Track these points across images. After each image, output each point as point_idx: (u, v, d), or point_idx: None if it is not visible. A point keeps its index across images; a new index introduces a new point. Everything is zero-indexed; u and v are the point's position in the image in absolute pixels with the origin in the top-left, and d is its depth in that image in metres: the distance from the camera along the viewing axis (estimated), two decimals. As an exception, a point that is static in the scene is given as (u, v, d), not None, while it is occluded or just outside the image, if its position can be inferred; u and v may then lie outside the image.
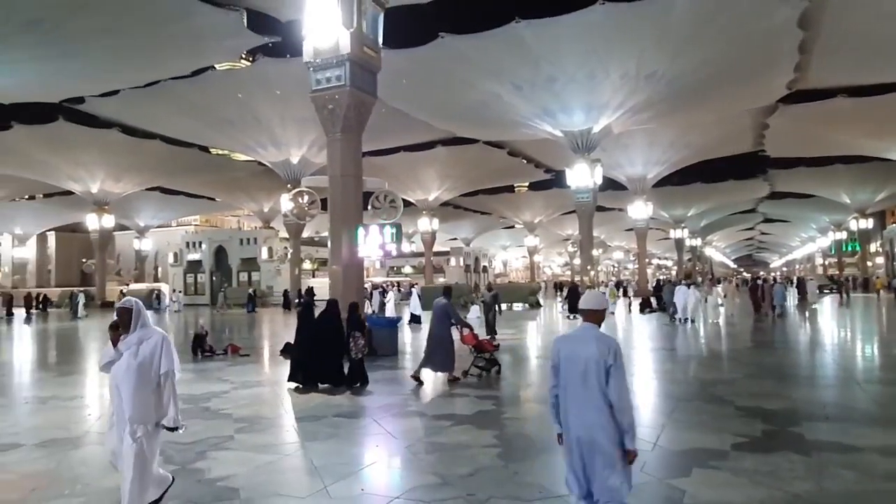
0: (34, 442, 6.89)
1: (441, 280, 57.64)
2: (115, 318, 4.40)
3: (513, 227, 75.03)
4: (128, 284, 53.51)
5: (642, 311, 27.55)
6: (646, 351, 15.16)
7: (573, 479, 3.66)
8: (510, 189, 62.47)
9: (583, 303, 3.83)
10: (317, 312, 11.17)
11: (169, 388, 4.37)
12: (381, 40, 14.70)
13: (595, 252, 42.41)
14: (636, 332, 20.47)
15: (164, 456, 6.11)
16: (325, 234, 58.10)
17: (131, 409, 4.20)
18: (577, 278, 43.72)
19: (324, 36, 13.76)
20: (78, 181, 42.86)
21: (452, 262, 65.25)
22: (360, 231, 13.50)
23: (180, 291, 44.29)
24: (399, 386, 10.72)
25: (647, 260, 58.78)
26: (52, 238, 66.34)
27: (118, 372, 4.29)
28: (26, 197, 55.83)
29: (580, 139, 31.23)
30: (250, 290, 38.21)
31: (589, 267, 35.23)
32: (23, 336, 23.69)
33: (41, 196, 56.06)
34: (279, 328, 23.41)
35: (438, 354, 10.58)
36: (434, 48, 25.20)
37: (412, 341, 16.45)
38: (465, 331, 10.99)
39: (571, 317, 24.31)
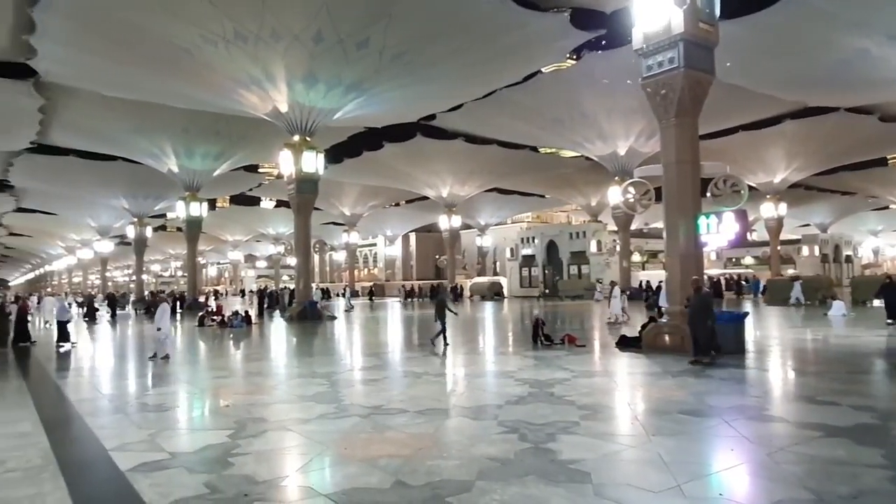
0: (415, 410, 8.13)
1: (790, 272, 50.88)
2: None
3: (886, 207, 62.15)
4: (471, 277, 59.82)
5: None
6: None
7: None
8: (882, 162, 51.63)
9: None
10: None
11: None
12: (717, 12, 13.59)
13: None
14: None
15: (518, 434, 6.66)
16: (655, 225, 56.20)
17: None
18: None
19: (654, 19, 13.30)
20: (432, 187, 49.56)
21: (804, 251, 57.05)
22: (701, 220, 12.70)
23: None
24: (749, 386, 9.80)
25: None
26: (412, 238, 77.86)
27: None
28: (393, 204, 66.62)
29: None
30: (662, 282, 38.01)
31: None
32: (392, 319, 28.29)
33: (404, 202, 66.32)
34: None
35: None
36: (780, 9, 22.22)
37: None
38: None
39: None
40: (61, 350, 16.78)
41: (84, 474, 5.91)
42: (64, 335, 17.47)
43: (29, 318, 19.81)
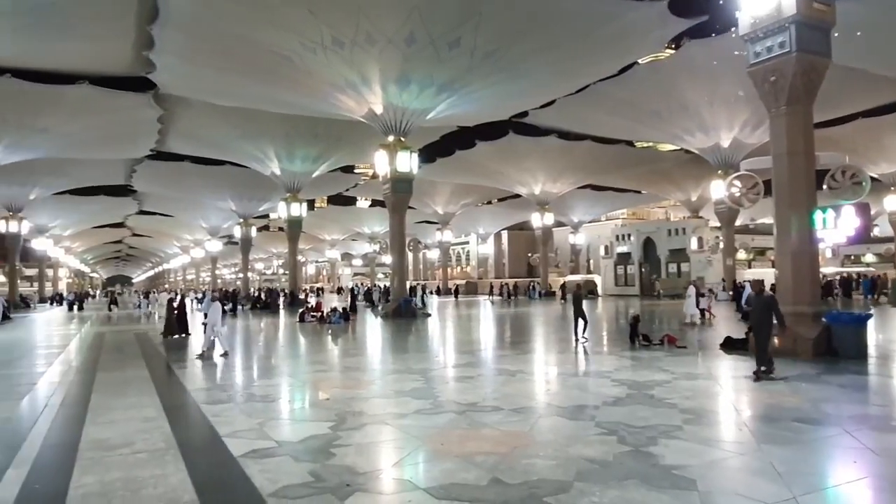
0: (510, 408, 8.10)
1: (919, 270, 46.43)
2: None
3: None
4: (564, 275, 58.88)
5: None
6: None
7: None
8: None
9: None
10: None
11: None
12: (834, -10, 12.64)
13: None
14: None
15: (617, 436, 6.49)
16: (763, 220, 52.99)
17: None
18: None
19: (763, 1, 12.53)
20: (524, 185, 49.19)
21: (936, 247, 51.90)
22: (817, 214, 11.85)
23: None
24: (872, 394, 9.09)
25: None
26: (505, 236, 77.60)
27: None
28: (486, 202, 66.68)
29: None
30: None
31: None
32: (484, 318, 28.31)
33: (496, 200, 66.23)
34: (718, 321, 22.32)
35: None
36: (905, -16, 20.41)
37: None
38: None
39: None
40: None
41: (201, 458, 6.32)
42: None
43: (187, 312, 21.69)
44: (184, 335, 19.18)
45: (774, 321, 10.05)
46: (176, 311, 19.94)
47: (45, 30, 21.33)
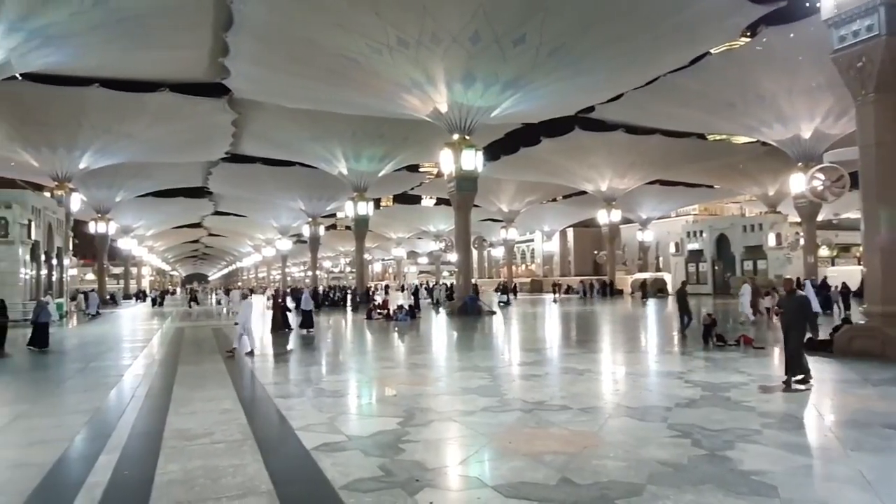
0: (578, 407, 7.99)
1: None
2: None
3: None
4: (632, 273, 57.46)
5: None
6: None
7: None
8: None
9: None
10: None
11: None
12: (929, -33, 11.78)
13: None
14: None
15: (691, 439, 6.29)
16: (848, 215, 49.97)
17: None
18: None
19: (848, -17, 11.86)
20: (590, 181, 48.32)
21: None
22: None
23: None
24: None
25: None
26: (570, 233, 76.48)
27: None
28: (551, 199, 65.88)
29: None
30: None
31: None
32: (550, 315, 28.01)
33: (561, 197, 65.31)
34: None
35: None
36: None
37: None
38: None
39: None
40: (309, 333, 19.37)
41: (276, 450, 6.52)
42: (308, 322, 20.21)
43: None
44: (287, 330, 19.68)
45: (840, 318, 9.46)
46: (280, 307, 20.72)
47: (129, 41, 22.53)
